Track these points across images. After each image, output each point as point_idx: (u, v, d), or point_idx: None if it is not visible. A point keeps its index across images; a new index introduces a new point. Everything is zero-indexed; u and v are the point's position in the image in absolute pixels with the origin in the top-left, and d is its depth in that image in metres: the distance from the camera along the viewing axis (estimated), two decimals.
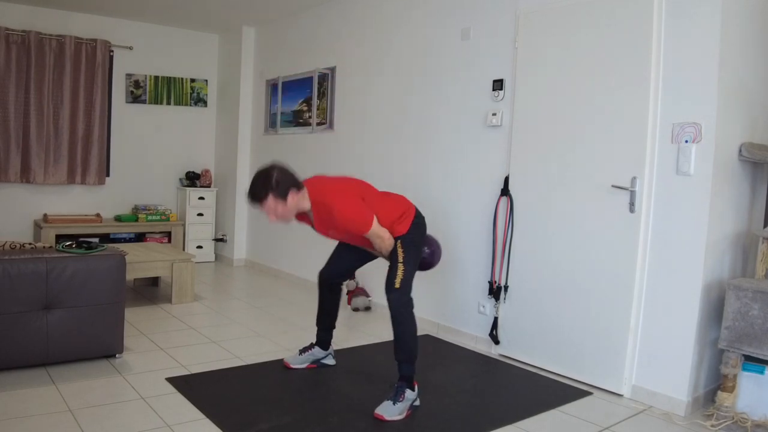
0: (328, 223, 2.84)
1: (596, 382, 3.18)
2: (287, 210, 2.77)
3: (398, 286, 2.78)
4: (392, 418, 2.66)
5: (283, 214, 2.78)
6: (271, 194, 2.71)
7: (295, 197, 2.76)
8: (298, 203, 2.79)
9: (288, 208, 2.76)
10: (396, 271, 2.81)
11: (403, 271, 2.81)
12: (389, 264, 2.90)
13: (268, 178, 2.73)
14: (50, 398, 2.68)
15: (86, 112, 5.91)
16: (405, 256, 2.83)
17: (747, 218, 3.15)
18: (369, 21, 4.84)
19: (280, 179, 2.74)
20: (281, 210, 2.75)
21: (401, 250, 2.85)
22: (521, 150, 3.57)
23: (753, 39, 3.03)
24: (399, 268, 2.81)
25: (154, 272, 4.46)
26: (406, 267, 2.82)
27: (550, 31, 3.41)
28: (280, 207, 2.74)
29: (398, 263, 2.82)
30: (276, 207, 2.74)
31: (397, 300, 2.78)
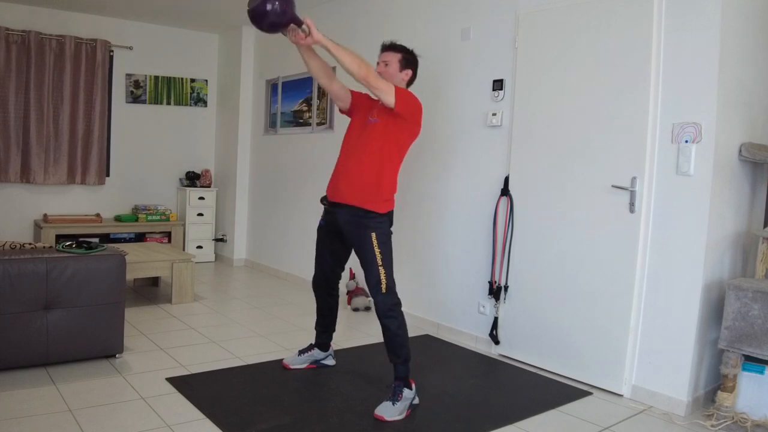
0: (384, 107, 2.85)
1: (596, 382, 3.18)
2: (394, 74, 2.95)
3: (385, 291, 2.78)
4: (392, 418, 2.66)
5: (390, 74, 2.94)
6: (401, 54, 2.99)
7: (407, 76, 3.00)
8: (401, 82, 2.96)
9: (395, 75, 2.95)
10: (378, 275, 2.79)
11: (385, 273, 2.79)
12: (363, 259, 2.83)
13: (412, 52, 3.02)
14: (50, 398, 2.68)
15: (86, 112, 5.91)
16: (383, 257, 2.80)
17: (747, 218, 3.15)
18: (369, 21, 4.84)
19: (414, 63, 3.02)
20: (392, 70, 2.96)
21: (378, 251, 2.80)
22: (521, 150, 3.57)
23: (753, 39, 3.03)
24: (381, 272, 2.79)
25: (154, 272, 4.46)
26: (386, 268, 2.80)
27: (550, 31, 3.41)
28: (394, 67, 2.96)
29: (378, 266, 2.79)
30: (393, 64, 2.97)
31: (386, 303, 2.78)
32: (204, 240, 6.51)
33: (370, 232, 2.81)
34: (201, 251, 6.47)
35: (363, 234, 2.82)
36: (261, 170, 6.25)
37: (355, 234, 2.85)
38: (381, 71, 2.94)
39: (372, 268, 2.80)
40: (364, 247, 2.83)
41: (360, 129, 2.96)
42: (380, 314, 2.79)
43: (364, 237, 2.81)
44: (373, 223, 2.82)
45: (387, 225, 2.88)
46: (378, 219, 2.83)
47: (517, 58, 3.60)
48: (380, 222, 2.84)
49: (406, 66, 2.98)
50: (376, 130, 2.86)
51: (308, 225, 5.37)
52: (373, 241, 2.80)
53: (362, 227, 2.82)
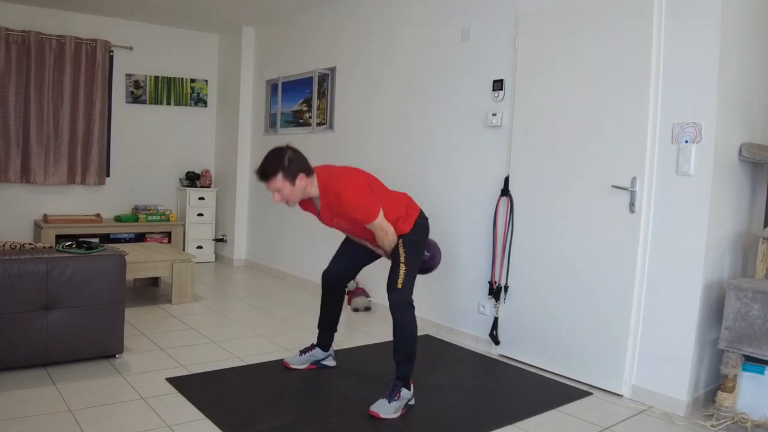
0: (335, 209, 2.81)
1: (596, 382, 3.18)
2: (294, 192, 2.76)
3: (400, 286, 2.79)
4: (387, 416, 2.66)
5: (289, 195, 2.76)
6: (280, 173, 2.71)
7: (303, 181, 2.76)
8: (306, 188, 2.79)
9: (295, 190, 2.75)
10: (398, 271, 2.81)
11: (405, 271, 2.81)
12: (391, 263, 2.90)
13: (281, 157, 2.72)
14: (50, 398, 2.68)
15: (86, 112, 5.91)
16: (407, 257, 2.83)
17: (747, 218, 3.15)
18: (369, 21, 4.84)
19: (293, 159, 2.74)
20: (288, 191, 2.75)
21: (403, 251, 2.85)
22: (521, 150, 3.57)
23: (753, 39, 3.03)
24: (401, 269, 2.81)
25: (154, 272, 4.46)
26: (407, 268, 2.82)
27: (550, 31, 3.41)
28: (288, 188, 2.74)
29: (400, 263, 2.83)
30: (283, 187, 2.73)
31: (399, 300, 2.78)
32: (204, 240, 6.51)
33: (398, 238, 2.90)
34: (201, 251, 6.47)
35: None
36: None
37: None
38: (281, 200, 2.76)
39: (395, 266, 2.85)
40: (393, 255, 2.91)
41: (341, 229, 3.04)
42: (392, 310, 2.81)
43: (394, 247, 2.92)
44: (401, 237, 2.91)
45: (415, 236, 2.92)
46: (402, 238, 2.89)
47: (517, 58, 3.60)
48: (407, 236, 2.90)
49: (294, 175, 2.72)
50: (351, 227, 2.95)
51: (308, 225, 5.37)
52: (399, 244, 2.88)
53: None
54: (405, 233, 2.89)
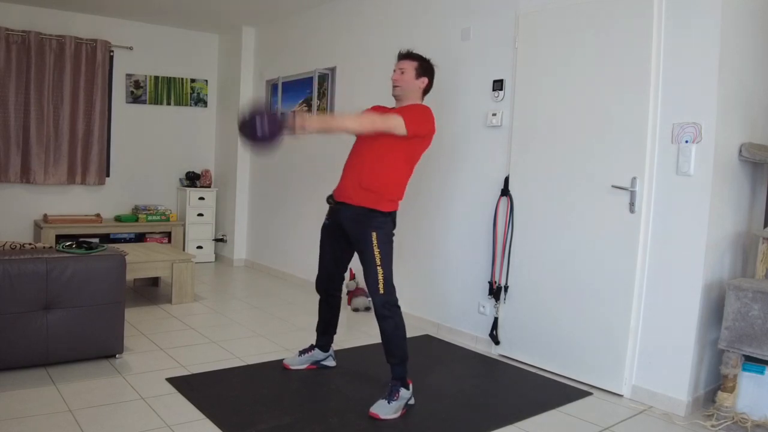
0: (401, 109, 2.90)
1: (596, 382, 3.18)
2: (409, 82, 2.95)
3: (382, 291, 2.78)
4: (387, 416, 2.66)
5: (405, 81, 2.95)
6: (418, 62, 2.98)
7: (423, 84, 2.99)
8: (414, 91, 2.97)
9: (411, 83, 2.95)
10: (376, 275, 2.79)
11: (383, 274, 2.79)
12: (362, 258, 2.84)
13: (427, 59, 3.03)
14: (50, 398, 2.68)
15: (86, 112, 5.91)
16: (382, 258, 2.80)
17: (747, 218, 3.15)
18: (369, 21, 4.84)
19: (431, 70, 3.02)
20: (408, 77, 2.95)
21: (378, 251, 2.80)
22: (521, 150, 3.57)
23: (753, 39, 3.03)
24: (378, 273, 2.79)
25: (154, 272, 4.46)
26: (384, 269, 2.80)
27: (550, 31, 3.41)
28: (410, 75, 2.95)
29: (376, 266, 2.79)
30: (409, 71, 2.95)
31: (384, 304, 2.78)
32: (204, 240, 6.51)
33: (371, 231, 2.82)
34: (201, 251, 6.47)
35: (364, 232, 2.83)
36: (261, 170, 6.25)
37: (357, 231, 2.87)
38: (397, 78, 2.96)
39: (370, 268, 2.81)
40: (364, 246, 2.83)
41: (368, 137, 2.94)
42: (377, 314, 2.80)
43: (366, 235, 2.83)
44: (375, 222, 2.83)
45: (389, 226, 2.89)
46: (380, 218, 2.84)
47: (517, 58, 3.60)
48: (382, 221, 2.85)
49: (422, 74, 2.98)
50: (385, 139, 2.85)
51: (308, 225, 5.37)
52: (374, 240, 2.81)
53: (364, 225, 2.84)
54: (383, 212, 2.83)
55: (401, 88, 2.96)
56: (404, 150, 2.88)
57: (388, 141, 2.84)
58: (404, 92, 2.96)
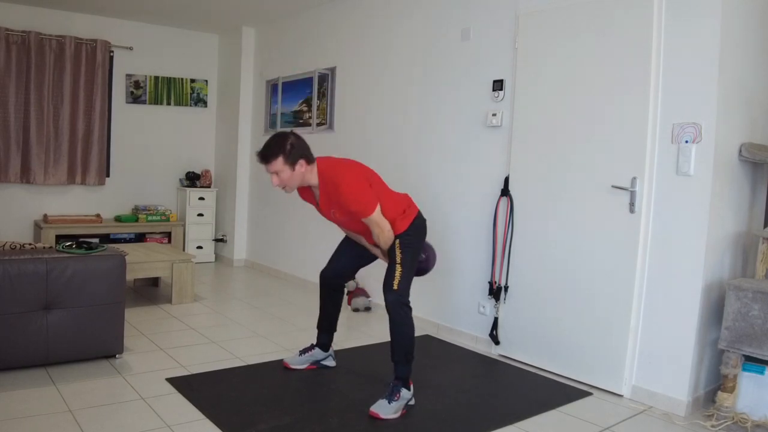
0: (333, 200, 2.81)
1: (596, 382, 3.18)
2: (292, 177, 2.77)
3: (396, 288, 2.78)
4: (387, 416, 2.66)
5: (288, 180, 2.78)
6: (281, 156, 2.73)
7: (303, 167, 2.78)
8: (305, 175, 2.80)
9: (294, 175, 2.77)
10: (394, 272, 2.80)
11: (401, 273, 2.80)
12: (387, 264, 2.89)
13: (283, 141, 2.75)
14: (50, 398, 2.68)
15: (86, 112, 5.91)
16: (403, 258, 2.83)
17: (747, 218, 3.15)
18: (369, 21, 4.84)
19: (295, 145, 2.76)
20: (287, 176, 2.76)
21: (399, 251, 2.84)
22: (521, 150, 3.57)
23: (753, 39, 3.03)
24: (397, 270, 2.80)
25: (154, 272, 4.46)
26: (403, 269, 2.81)
27: (550, 31, 3.41)
28: (287, 172, 2.75)
29: (396, 264, 2.82)
30: (283, 170, 2.75)
31: (395, 302, 2.77)
32: (204, 240, 6.51)
33: (395, 240, 2.88)
34: (201, 251, 6.47)
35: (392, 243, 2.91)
36: (261, 170, 6.24)
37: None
38: (279, 184, 2.78)
39: (391, 266, 2.84)
40: (389, 255, 2.89)
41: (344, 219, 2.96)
42: (389, 310, 2.80)
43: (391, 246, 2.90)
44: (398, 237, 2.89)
45: (412, 237, 2.91)
46: (398, 238, 2.88)
47: (517, 58, 3.60)
48: (404, 235, 2.89)
49: (294, 160, 2.74)
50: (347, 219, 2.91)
51: (308, 225, 5.37)
52: (396, 244, 2.86)
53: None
54: (401, 232, 2.88)
55: (291, 186, 2.83)
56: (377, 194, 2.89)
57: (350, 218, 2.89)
58: (295, 186, 2.84)
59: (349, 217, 2.87)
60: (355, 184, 2.76)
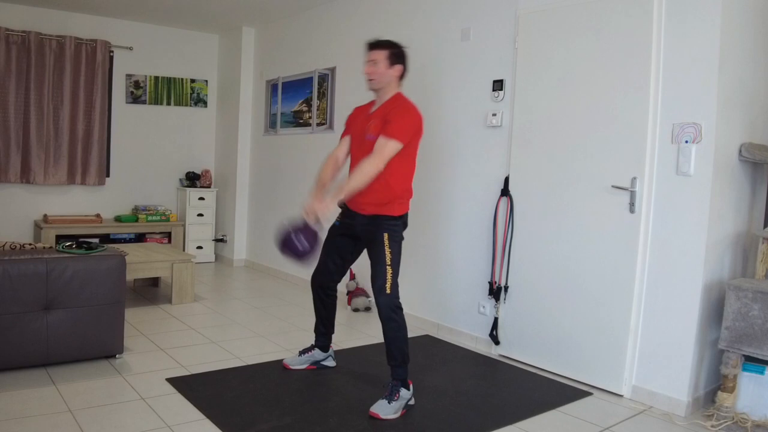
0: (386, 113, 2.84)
1: (596, 382, 3.18)
2: (384, 74, 2.88)
3: (389, 291, 2.78)
4: (387, 416, 2.66)
5: (379, 73, 2.87)
6: (389, 50, 2.89)
7: (397, 72, 2.91)
8: (391, 82, 2.91)
9: (385, 73, 2.88)
10: (384, 274, 2.79)
11: (392, 275, 2.80)
12: (373, 258, 2.85)
13: (397, 44, 2.93)
14: (50, 399, 2.68)
15: (86, 112, 5.91)
16: (392, 258, 2.82)
17: (747, 218, 3.15)
18: (369, 21, 4.84)
19: (403, 55, 2.93)
20: (381, 68, 2.87)
21: (388, 249, 2.82)
22: (521, 150, 3.58)
23: (753, 39, 3.03)
24: (387, 272, 2.79)
25: (154, 273, 4.46)
26: (393, 270, 2.81)
27: (550, 31, 3.41)
28: (383, 65, 2.87)
29: (386, 265, 2.80)
30: (381, 62, 2.87)
31: (389, 304, 2.77)
32: (204, 240, 6.51)
33: (383, 231, 2.85)
34: (201, 251, 6.47)
35: (376, 232, 2.86)
36: (261, 170, 6.25)
37: (370, 232, 2.90)
38: (370, 71, 2.89)
39: (380, 268, 2.81)
40: (375, 246, 2.86)
41: (358, 144, 2.98)
42: (382, 316, 2.79)
43: (377, 235, 2.85)
44: (387, 225, 2.86)
45: (400, 228, 2.91)
46: (392, 221, 2.87)
47: (517, 58, 3.60)
48: (394, 224, 2.88)
49: (395, 61, 2.90)
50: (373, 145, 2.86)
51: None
52: (385, 241, 2.83)
53: (377, 227, 2.87)
54: (395, 215, 2.86)
55: (376, 81, 2.91)
56: (403, 152, 2.87)
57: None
58: (380, 84, 2.91)
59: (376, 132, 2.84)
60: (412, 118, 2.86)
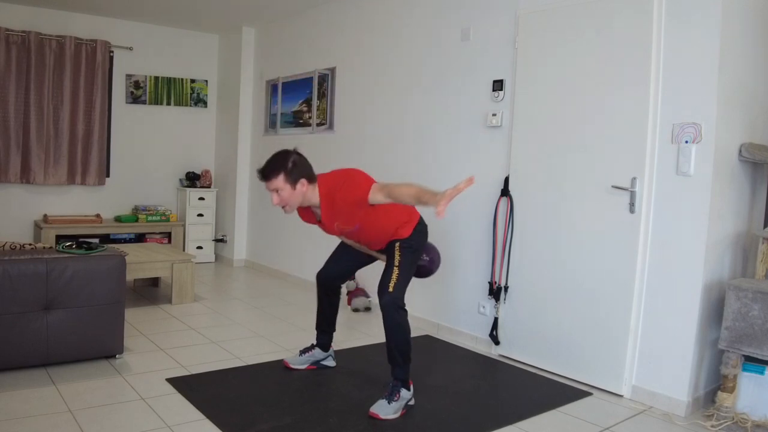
0: (336, 208, 2.73)
1: (596, 382, 3.18)
2: (293, 196, 2.71)
3: (392, 290, 2.77)
4: (387, 417, 2.66)
5: (288, 199, 2.71)
6: (282, 174, 2.67)
7: (304, 187, 2.72)
8: (306, 194, 2.74)
9: (295, 194, 2.71)
10: (391, 275, 2.79)
11: (398, 275, 2.79)
12: (385, 265, 2.89)
13: (285, 159, 2.70)
14: (50, 399, 2.68)
15: (86, 112, 5.91)
16: (401, 261, 2.82)
17: (747, 218, 3.15)
18: (369, 21, 4.84)
19: (297, 163, 2.71)
20: (287, 194, 2.70)
21: (398, 254, 2.83)
22: (521, 150, 3.57)
23: (753, 39, 3.03)
24: (394, 272, 2.80)
25: (154, 273, 4.46)
26: (401, 271, 2.80)
27: (550, 31, 3.41)
28: (288, 190, 2.69)
29: (393, 267, 2.81)
30: (283, 189, 2.69)
31: (390, 304, 2.75)
32: (204, 240, 6.50)
33: (395, 242, 2.88)
34: (201, 252, 6.47)
35: (390, 244, 2.90)
36: None
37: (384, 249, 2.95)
38: (279, 203, 2.72)
39: (388, 270, 2.83)
40: (389, 254, 2.88)
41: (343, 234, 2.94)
42: (384, 315, 2.78)
43: (390, 246, 2.89)
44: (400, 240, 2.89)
45: (414, 241, 2.91)
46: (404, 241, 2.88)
47: (517, 58, 3.60)
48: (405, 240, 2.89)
49: (296, 178, 2.69)
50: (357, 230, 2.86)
51: (308, 225, 5.36)
52: (396, 247, 2.86)
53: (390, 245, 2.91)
54: (404, 237, 2.88)
55: (290, 206, 2.76)
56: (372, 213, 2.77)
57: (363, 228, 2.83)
58: (296, 205, 2.77)
59: (353, 222, 2.77)
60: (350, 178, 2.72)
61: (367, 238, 2.93)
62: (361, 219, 2.75)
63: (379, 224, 2.85)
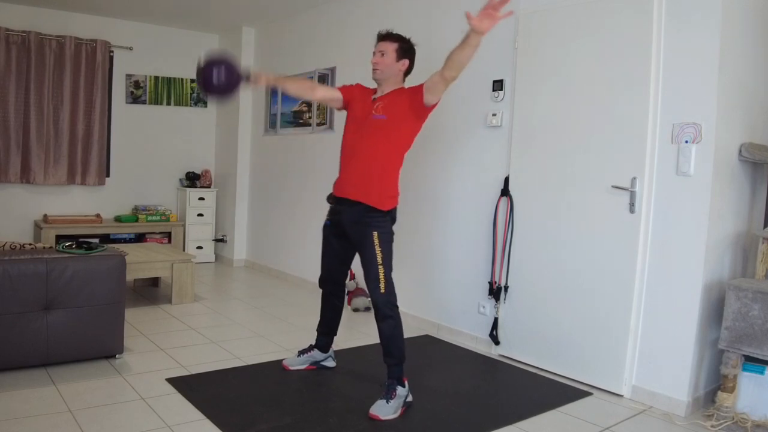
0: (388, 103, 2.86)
1: (596, 382, 3.18)
2: (390, 66, 2.89)
3: (383, 291, 2.77)
4: (387, 417, 2.66)
5: (386, 65, 2.88)
6: (398, 44, 2.90)
7: (404, 66, 2.93)
8: (395, 73, 2.91)
9: (392, 65, 2.89)
10: (377, 274, 2.78)
11: (384, 273, 2.79)
12: (363, 257, 2.84)
13: (409, 40, 2.96)
14: (50, 399, 2.68)
15: (86, 112, 5.91)
16: (383, 257, 2.80)
17: (747, 218, 3.15)
18: (369, 21, 4.84)
19: (412, 51, 2.96)
20: (388, 60, 2.88)
21: (379, 249, 2.80)
22: (521, 150, 3.57)
23: (753, 39, 3.03)
24: (380, 271, 2.79)
25: (154, 273, 4.46)
26: (385, 268, 2.80)
27: (550, 31, 3.41)
28: (390, 57, 2.89)
29: (378, 265, 2.79)
30: (389, 53, 2.88)
31: (385, 303, 2.77)
32: (204, 240, 6.50)
33: (372, 230, 2.82)
34: (201, 251, 6.47)
35: (365, 232, 2.83)
36: (261, 170, 6.25)
37: (359, 232, 2.87)
38: (377, 62, 2.89)
39: (372, 267, 2.80)
40: (365, 245, 2.83)
41: (360, 122, 2.93)
42: (378, 314, 2.79)
43: (367, 235, 2.82)
44: (375, 222, 2.83)
45: (389, 224, 2.89)
46: (381, 217, 2.84)
47: (517, 58, 3.60)
48: (383, 221, 2.85)
49: (402, 55, 2.91)
50: (380, 126, 2.84)
51: (308, 225, 5.37)
52: (375, 240, 2.81)
53: (365, 225, 2.84)
54: (387, 209, 2.84)
55: (381, 71, 2.89)
56: (400, 139, 2.86)
57: (384, 131, 2.83)
58: (384, 75, 2.90)
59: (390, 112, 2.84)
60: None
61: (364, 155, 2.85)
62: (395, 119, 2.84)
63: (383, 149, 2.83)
